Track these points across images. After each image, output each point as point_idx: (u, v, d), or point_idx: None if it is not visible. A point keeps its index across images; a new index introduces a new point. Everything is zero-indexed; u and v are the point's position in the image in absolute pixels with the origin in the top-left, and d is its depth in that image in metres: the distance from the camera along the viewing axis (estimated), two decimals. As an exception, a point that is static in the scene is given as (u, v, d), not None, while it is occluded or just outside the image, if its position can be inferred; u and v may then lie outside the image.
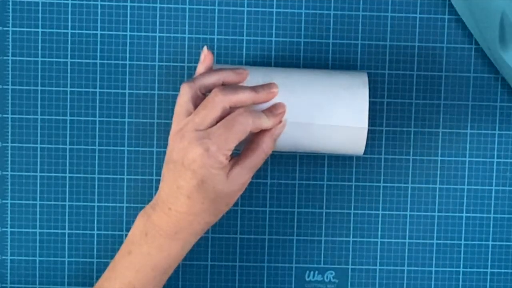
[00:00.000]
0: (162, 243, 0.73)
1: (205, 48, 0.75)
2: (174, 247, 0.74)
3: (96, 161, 0.84)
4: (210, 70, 0.74)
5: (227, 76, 0.74)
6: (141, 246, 0.74)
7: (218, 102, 0.71)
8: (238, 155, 0.75)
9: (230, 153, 0.71)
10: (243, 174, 0.73)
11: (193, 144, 0.70)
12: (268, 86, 0.74)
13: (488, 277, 0.86)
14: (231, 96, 0.72)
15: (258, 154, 0.73)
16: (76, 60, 0.83)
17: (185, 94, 0.72)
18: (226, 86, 0.73)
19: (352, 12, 0.83)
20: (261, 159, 0.73)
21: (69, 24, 0.82)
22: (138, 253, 0.74)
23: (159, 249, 0.73)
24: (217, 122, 0.72)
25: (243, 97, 0.72)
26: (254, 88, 0.74)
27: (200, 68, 0.75)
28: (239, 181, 0.73)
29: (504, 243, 0.85)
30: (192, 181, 0.71)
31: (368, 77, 0.84)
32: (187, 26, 0.83)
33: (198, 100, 0.73)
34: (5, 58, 0.82)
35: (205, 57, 0.74)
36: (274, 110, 0.74)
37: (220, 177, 0.72)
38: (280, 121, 0.75)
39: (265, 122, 0.73)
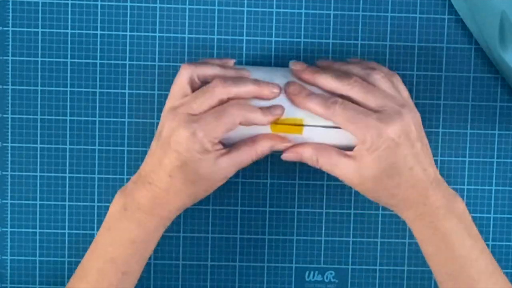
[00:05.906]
0: (140, 217, 0.74)
1: (233, 61, 0.77)
2: (151, 222, 0.75)
3: (96, 161, 0.84)
4: (216, 63, 0.75)
5: (229, 74, 0.75)
6: (120, 220, 0.75)
7: (218, 93, 0.72)
8: (231, 146, 0.74)
9: (217, 141, 0.72)
10: (229, 166, 0.73)
11: (181, 126, 0.71)
12: (272, 84, 0.74)
13: (488, 277, 0.86)
14: (231, 88, 0.72)
15: (249, 152, 0.74)
16: (76, 60, 0.83)
17: (184, 75, 0.73)
18: (228, 78, 0.73)
19: (352, 12, 0.83)
20: (251, 158, 0.74)
21: (69, 24, 0.82)
22: (117, 228, 0.75)
23: (137, 223, 0.75)
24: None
25: (243, 91, 0.73)
26: (256, 82, 0.74)
27: (215, 61, 0.76)
28: (223, 172, 0.73)
29: (504, 243, 0.85)
30: (175, 161, 0.72)
31: (368, 77, 0.84)
32: (187, 26, 0.83)
33: (194, 85, 0.74)
34: (5, 58, 0.82)
35: (226, 63, 0.76)
36: (272, 108, 0.74)
37: (203, 162, 0.72)
38: (282, 140, 0.75)
39: (259, 118, 0.73)
